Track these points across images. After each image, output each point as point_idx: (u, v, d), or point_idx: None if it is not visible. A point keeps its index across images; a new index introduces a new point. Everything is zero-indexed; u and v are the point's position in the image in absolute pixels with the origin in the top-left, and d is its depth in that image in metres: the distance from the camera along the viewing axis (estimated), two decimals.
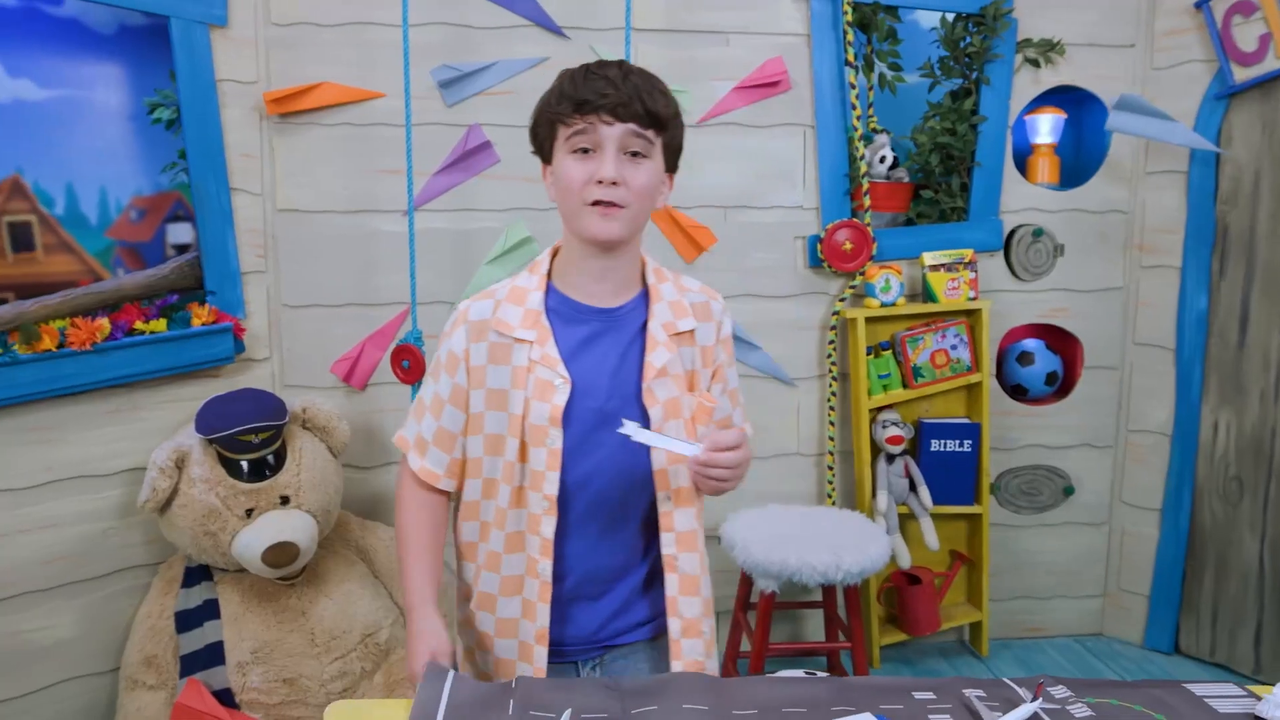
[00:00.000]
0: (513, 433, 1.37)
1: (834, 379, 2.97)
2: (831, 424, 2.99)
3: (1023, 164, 3.10)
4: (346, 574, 2.65)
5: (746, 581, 2.67)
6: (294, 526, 2.43)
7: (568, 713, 1.26)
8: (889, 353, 2.93)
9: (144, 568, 2.63)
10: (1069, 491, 3.13)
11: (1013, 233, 3.00)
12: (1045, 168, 3.06)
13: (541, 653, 1.41)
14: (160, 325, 2.55)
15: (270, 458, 2.50)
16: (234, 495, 2.43)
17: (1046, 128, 3.05)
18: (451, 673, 1.36)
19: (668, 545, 1.44)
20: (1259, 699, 1.38)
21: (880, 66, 2.96)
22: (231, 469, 2.46)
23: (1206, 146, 2.77)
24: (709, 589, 1.51)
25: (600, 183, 1.29)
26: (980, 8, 2.87)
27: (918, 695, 1.39)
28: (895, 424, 2.90)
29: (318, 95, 2.71)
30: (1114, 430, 3.13)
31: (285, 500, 2.48)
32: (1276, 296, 2.77)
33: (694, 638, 1.46)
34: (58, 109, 2.63)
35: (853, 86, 2.85)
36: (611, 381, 1.39)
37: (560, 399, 1.35)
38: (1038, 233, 2.99)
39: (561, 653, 1.45)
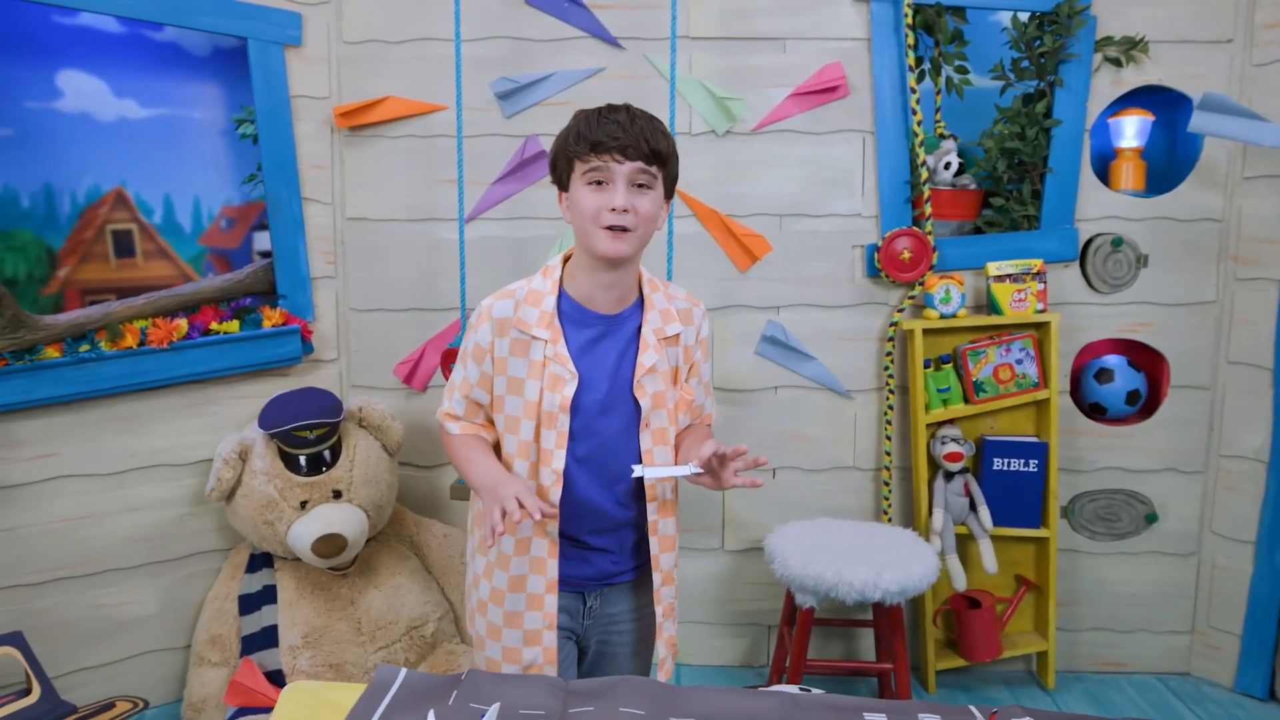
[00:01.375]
0: (528, 416, 1.62)
1: (891, 392, 2.87)
2: (888, 439, 2.89)
3: (1106, 170, 2.91)
4: (398, 568, 2.75)
5: (791, 596, 2.61)
6: (344, 519, 2.54)
7: (495, 707, 1.28)
8: (949, 366, 2.81)
9: (215, 553, 2.81)
10: (1151, 519, 2.91)
11: (1089, 242, 2.83)
12: (1129, 173, 2.87)
13: (552, 600, 1.67)
14: (233, 326, 2.72)
15: (326, 453, 2.63)
16: (290, 487, 2.56)
17: (1132, 131, 2.86)
18: (404, 671, 1.40)
19: (651, 513, 1.71)
20: None
21: (947, 69, 2.84)
22: (289, 463, 2.59)
23: None
24: (677, 534, 1.79)
25: (613, 210, 1.53)
26: (1054, 6, 2.72)
27: (869, 716, 1.33)
28: (955, 440, 2.78)
29: (384, 109, 2.84)
30: (1204, 455, 2.90)
31: (338, 494, 2.60)
32: None
33: (669, 585, 1.76)
34: (157, 126, 2.84)
35: (914, 91, 2.75)
36: (610, 377, 1.64)
37: (569, 390, 1.60)
38: (1117, 242, 2.80)
39: (573, 585, 1.72)
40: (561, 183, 1.62)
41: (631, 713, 1.32)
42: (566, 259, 1.67)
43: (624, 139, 1.51)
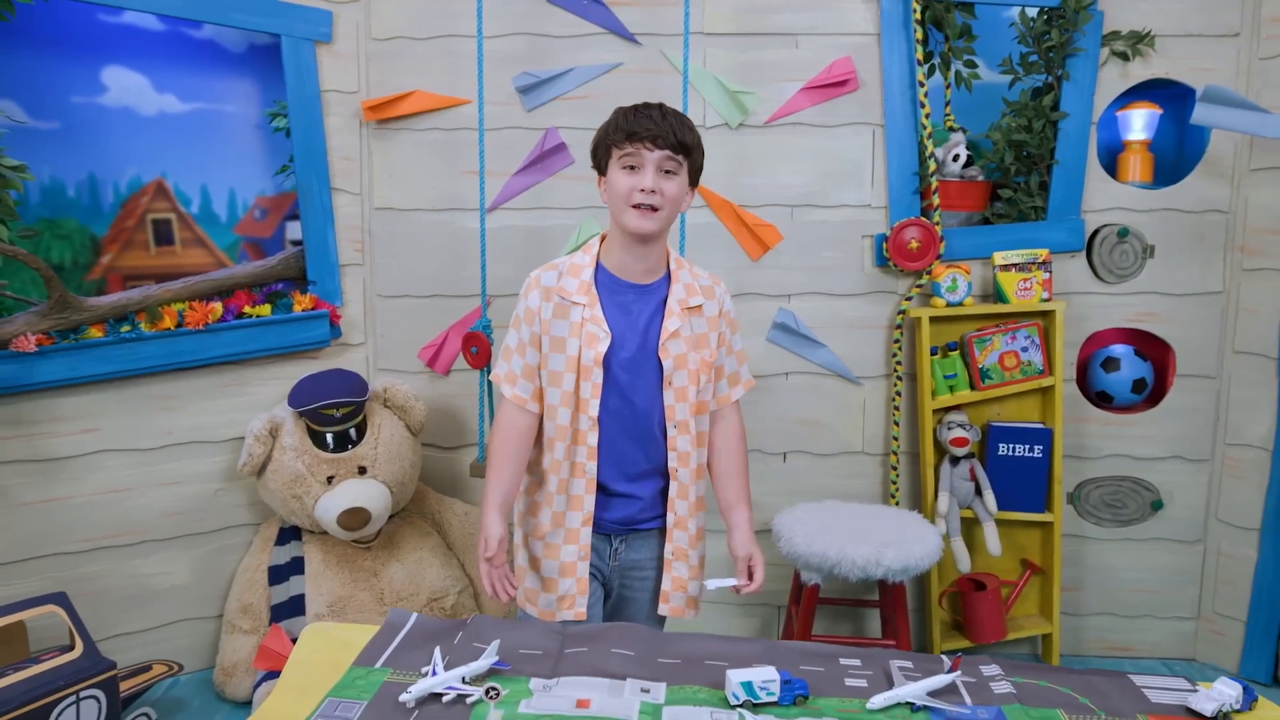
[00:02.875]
0: (569, 369, 1.83)
1: (899, 378, 2.94)
2: (896, 424, 2.96)
3: (1115, 162, 2.95)
4: (420, 543, 2.87)
5: (798, 574, 2.69)
6: (368, 494, 2.66)
7: (495, 643, 1.38)
8: (956, 353, 2.88)
9: (246, 526, 2.94)
10: (1157, 506, 2.96)
11: (1096, 233, 2.89)
12: (1137, 165, 2.92)
13: (586, 533, 1.88)
14: (265, 310, 2.86)
15: (352, 431, 2.75)
16: (317, 463, 2.69)
17: (1139, 124, 2.92)
18: (414, 615, 1.51)
19: (671, 460, 1.91)
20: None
21: (956, 64, 2.91)
22: (317, 440, 2.72)
23: None
24: (698, 493, 1.97)
25: (642, 190, 1.75)
26: (1061, 1, 2.77)
27: (843, 661, 1.42)
28: (961, 426, 2.85)
29: (410, 103, 2.95)
30: (1209, 443, 2.94)
31: (363, 470, 2.72)
32: None
33: (682, 529, 1.94)
34: (195, 120, 2.98)
35: (923, 85, 2.82)
36: (639, 338, 1.85)
37: (603, 347, 1.82)
38: (1123, 233, 2.85)
39: (600, 528, 1.92)
40: (601, 167, 1.85)
41: (622, 653, 1.42)
42: (604, 239, 1.90)
43: (655, 130, 1.74)
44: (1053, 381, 2.85)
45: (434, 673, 1.39)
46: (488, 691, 1.36)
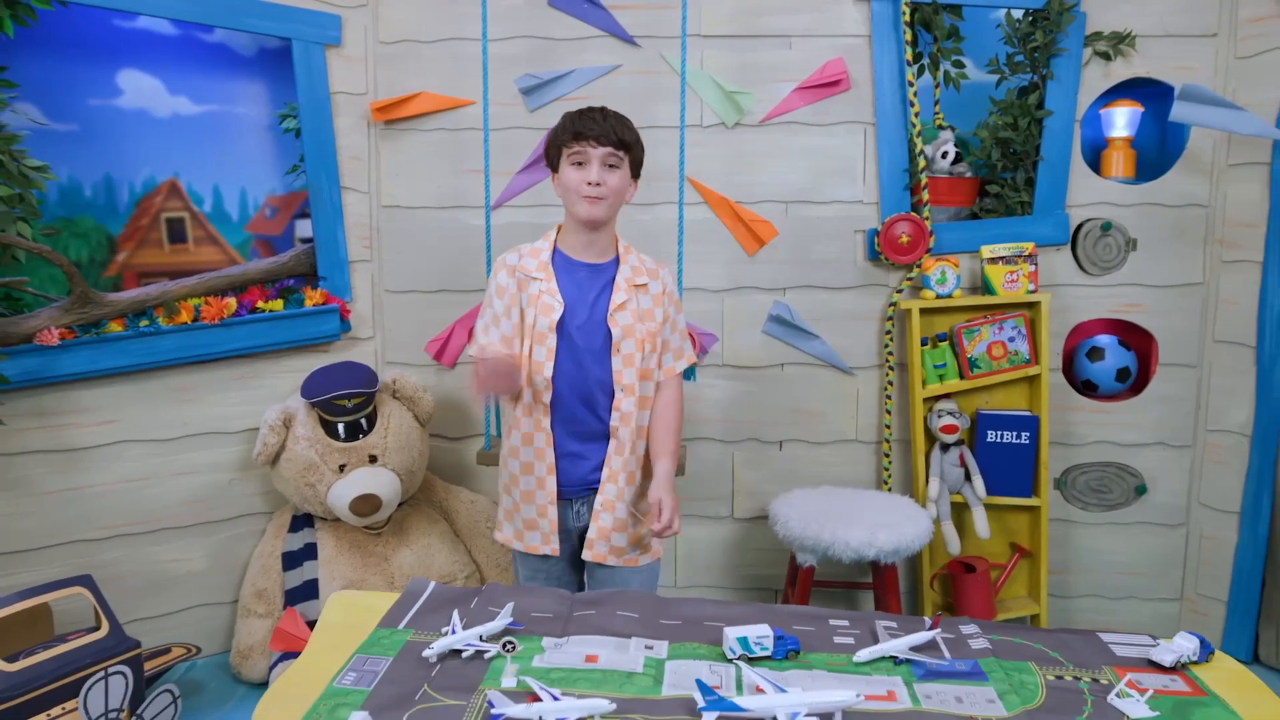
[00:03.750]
0: (527, 336, 2.09)
1: (891, 368, 3.07)
2: (888, 412, 3.09)
3: (1099, 158, 3.09)
4: (428, 529, 3.00)
5: (794, 557, 2.81)
6: (379, 481, 2.79)
7: (509, 606, 1.50)
8: (945, 344, 3.01)
9: (260, 515, 3.07)
10: (1141, 491, 3.09)
11: (1080, 227, 3.02)
12: (1119, 161, 3.06)
13: (551, 481, 2.13)
14: (278, 305, 2.98)
15: (362, 421, 2.87)
16: (330, 452, 2.81)
17: (1122, 121, 3.05)
18: (432, 583, 1.64)
19: (614, 419, 2.13)
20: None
21: (944, 64, 3.04)
22: (329, 430, 2.85)
23: (1275, 135, 2.70)
24: (637, 452, 2.17)
25: (590, 183, 2.04)
26: (1045, 3, 2.91)
27: (833, 622, 1.55)
28: (950, 414, 2.98)
29: (417, 104, 3.08)
30: (1191, 430, 3.08)
31: (373, 459, 2.85)
32: None
33: (613, 482, 2.14)
34: (208, 121, 3.12)
35: (912, 84, 2.95)
36: (590, 309, 2.11)
37: (556, 315, 2.07)
38: (1106, 226, 2.99)
39: (561, 494, 2.15)
40: (553, 165, 2.14)
41: (627, 615, 1.55)
42: (559, 228, 2.20)
43: (598, 130, 2.02)
44: (1039, 370, 2.98)
45: (453, 632, 1.52)
46: (505, 645, 1.49)
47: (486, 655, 1.48)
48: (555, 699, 1.33)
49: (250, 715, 2.61)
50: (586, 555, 2.13)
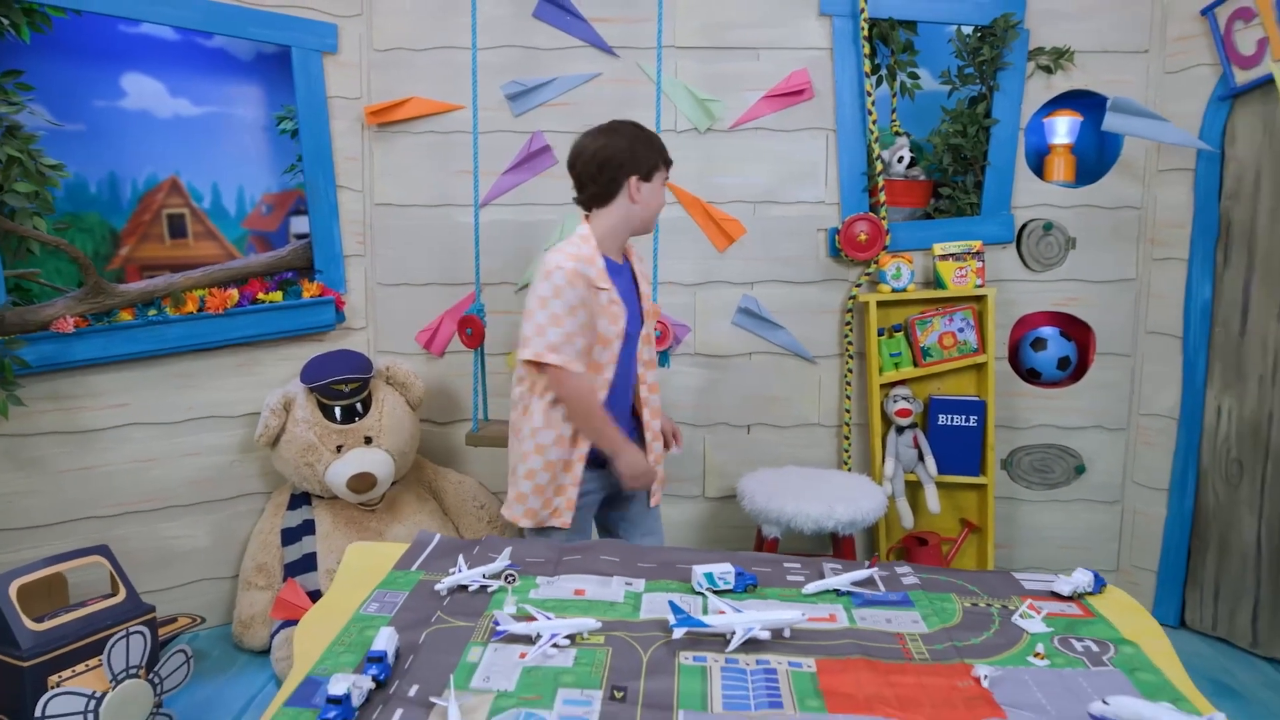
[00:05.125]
0: (600, 342, 2.34)
1: (850, 357, 3.39)
2: (848, 398, 3.41)
3: (1043, 164, 3.43)
4: (419, 507, 3.28)
5: (760, 529, 3.12)
6: (373, 461, 3.07)
7: (507, 551, 1.80)
8: (900, 334, 3.33)
9: (259, 494, 3.34)
10: (1080, 470, 3.43)
11: (1024, 226, 3.35)
12: (1061, 167, 3.40)
13: (581, 468, 2.38)
14: (277, 296, 3.25)
15: (358, 405, 3.15)
16: (328, 434, 3.09)
17: (1063, 129, 3.38)
18: (438, 535, 1.93)
19: (643, 391, 2.55)
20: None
21: (900, 75, 3.36)
22: (327, 413, 3.12)
23: (1196, 145, 3.05)
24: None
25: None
26: (991, 20, 3.23)
27: (786, 564, 1.86)
28: (905, 399, 3.30)
29: (409, 108, 3.36)
30: (1125, 413, 3.42)
31: (369, 440, 3.13)
32: (1275, 287, 3.02)
33: (657, 439, 2.53)
34: (207, 122, 3.37)
35: (870, 94, 3.27)
36: (632, 305, 2.42)
37: (623, 322, 2.36)
38: (1047, 227, 3.32)
39: (599, 463, 2.45)
40: (643, 173, 2.36)
41: (609, 559, 1.85)
42: (591, 234, 2.38)
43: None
44: (986, 359, 3.32)
45: (459, 571, 1.81)
46: (505, 577, 1.78)
47: (489, 589, 1.77)
48: (549, 619, 1.62)
49: (250, 682, 2.90)
50: (654, 502, 2.54)
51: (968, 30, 3.35)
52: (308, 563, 3.12)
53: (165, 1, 3.01)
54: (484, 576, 1.80)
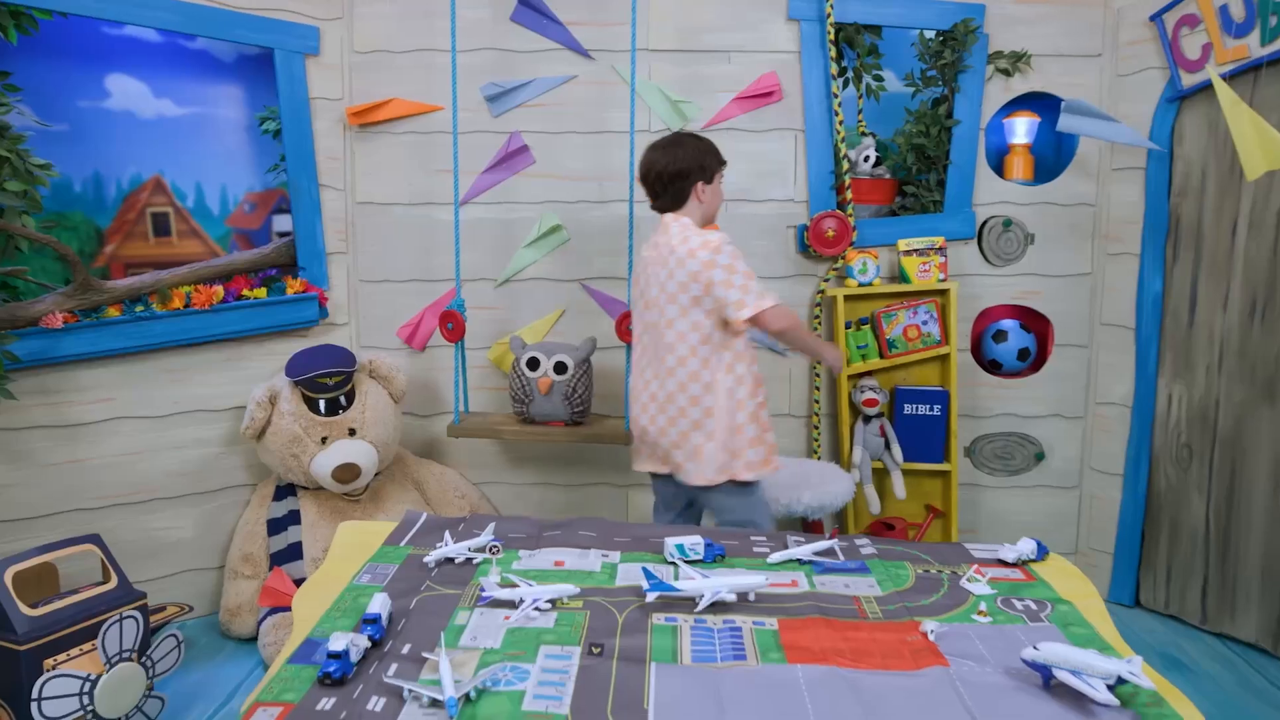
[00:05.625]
0: None
1: None
2: (817, 389, 3.57)
3: (1003, 163, 3.60)
4: (402, 497, 3.41)
5: None
6: (358, 452, 3.20)
7: (491, 525, 1.94)
8: (867, 327, 3.50)
9: (244, 487, 3.46)
10: (1040, 457, 3.61)
11: (985, 223, 3.52)
12: (1020, 165, 3.58)
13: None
14: (262, 293, 3.38)
15: (342, 398, 3.28)
16: (313, 426, 3.21)
17: (1022, 130, 3.56)
18: (425, 513, 2.07)
19: None
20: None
21: (866, 78, 3.53)
22: (311, 406, 3.25)
23: (1145, 145, 3.24)
24: None
25: None
26: (952, 25, 3.41)
27: (753, 538, 2.01)
28: (871, 389, 3.46)
29: (389, 109, 3.50)
30: (1083, 402, 3.60)
31: (353, 432, 3.25)
32: (1220, 279, 3.20)
33: None
34: (190, 123, 3.49)
35: (837, 96, 3.44)
36: None
37: None
38: (1007, 223, 3.50)
39: None
40: (707, 178, 2.72)
41: (587, 534, 2.00)
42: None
43: None
44: (949, 350, 3.49)
45: (446, 545, 1.95)
46: (490, 549, 1.92)
47: (475, 562, 1.91)
48: (531, 586, 1.77)
49: (239, 667, 3.01)
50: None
51: (930, 34, 3.52)
52: (293, 552, 3.24)
53: (150, 4, 3.12)
54: (469, 550, 1.94)
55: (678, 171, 2.66)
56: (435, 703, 1.44)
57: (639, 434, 2.73)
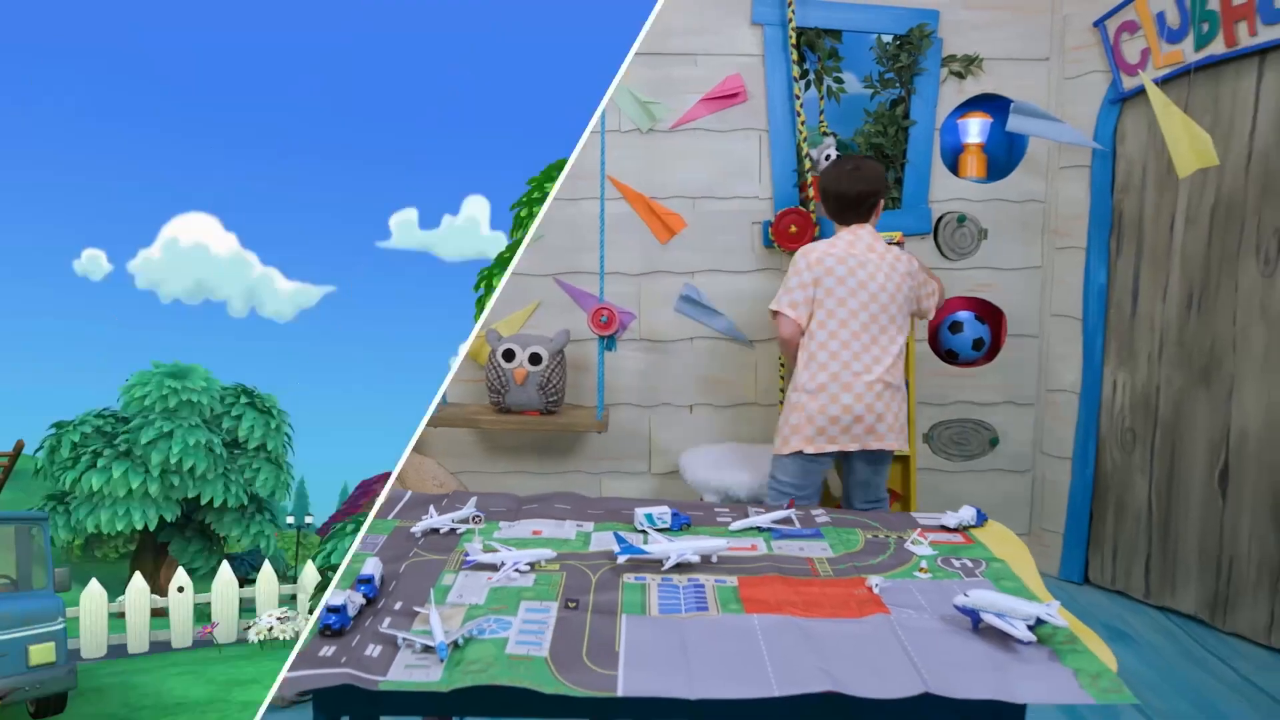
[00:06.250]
0: None
1: None
2: (782, 379, 3.78)
3: (957, 161, 3.83)
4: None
5: (702, 498, 3.46)
6: None
7: (473, 500, 2.13)
8: None
9: None
10: (994, 442, 3.84)
11: (940, 219, 3.75)
12: (973, 164, 3.81)
13: None
14: None
15: None
16: None
17: (975, 130, 3.79)
18: (410, 491, 2.25)
19: None
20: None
21: (827, 80, 3.75)
22: None
23: (1089, 144, 3.47)
24: None
25: None
26: (908, 30, 3.62)
27: (717, 510, 2.21)
28: None
29: None
30: (1034, 389, 3.84)
31: None
32: (1160, 271, 3.45)
33: None
34: None
35: (798, 97, 3.65)
36: None
37: None
38: (961, 219, 3.73)
39: None
40: (885, 197, 3.18)
41: (562, 507, 2.18)
42: None
43: None
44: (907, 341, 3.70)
45: (431, 517, 2.12)
46: (473, 519, 2.10)
47: (458, 532, 2.09)
48: (511, 552, 1.95)
49: None
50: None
51: (887, 39, 3.74)
52: None
53: None
54: (453, 521, 2.11)
55: (870, 193, 3.03)
56: (427, 649, 1.61)
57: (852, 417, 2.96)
